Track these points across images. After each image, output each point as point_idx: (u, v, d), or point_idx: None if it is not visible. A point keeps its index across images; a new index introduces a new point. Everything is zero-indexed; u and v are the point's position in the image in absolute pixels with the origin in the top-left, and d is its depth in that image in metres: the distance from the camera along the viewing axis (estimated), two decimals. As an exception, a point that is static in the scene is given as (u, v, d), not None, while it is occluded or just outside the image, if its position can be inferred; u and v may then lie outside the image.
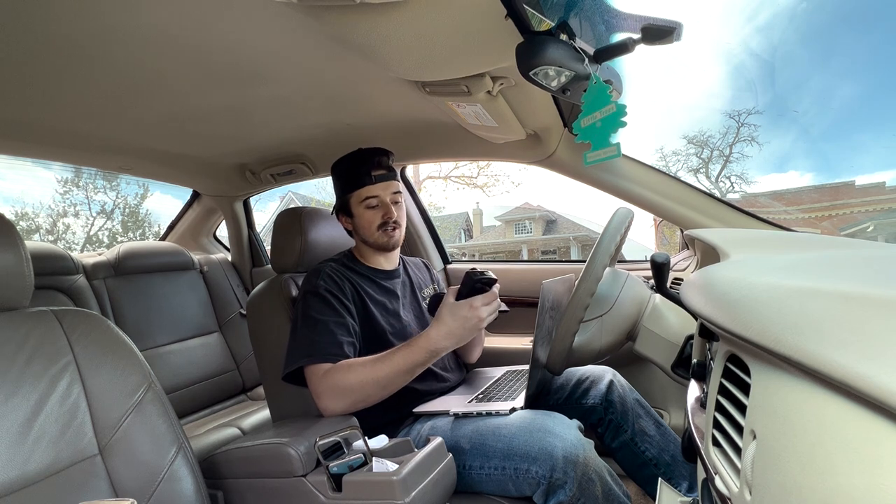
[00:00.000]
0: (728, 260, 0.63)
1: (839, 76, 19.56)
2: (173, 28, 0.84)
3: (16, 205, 12.21)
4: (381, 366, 0.94)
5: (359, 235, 1.19)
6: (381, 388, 0.95)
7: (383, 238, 1.16)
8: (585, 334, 0.97)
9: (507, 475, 0.88)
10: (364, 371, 0.95)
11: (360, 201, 1.15)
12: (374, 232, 1.15)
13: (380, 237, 1.16)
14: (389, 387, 0.95)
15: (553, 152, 1.41)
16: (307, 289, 1.07)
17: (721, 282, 0.47)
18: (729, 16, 26.34)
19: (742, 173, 11.56)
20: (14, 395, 0.70)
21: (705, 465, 0.45)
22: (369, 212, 1.15)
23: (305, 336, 1.01)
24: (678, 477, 1.05)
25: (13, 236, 0.76)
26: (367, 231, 1.16)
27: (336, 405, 0.95)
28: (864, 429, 0.24)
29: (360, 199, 1.15)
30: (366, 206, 1.15)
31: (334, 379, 0.95)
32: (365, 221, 1.16)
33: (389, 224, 1.15)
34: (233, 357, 1.98)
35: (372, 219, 1.15)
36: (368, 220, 1.15)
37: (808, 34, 20.74)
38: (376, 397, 0.96)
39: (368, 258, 1.20)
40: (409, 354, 0.94)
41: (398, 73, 0.96)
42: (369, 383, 0.94)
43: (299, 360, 0.98)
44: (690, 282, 0.56)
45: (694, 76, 24.38)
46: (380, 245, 1.17)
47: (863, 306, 0.28)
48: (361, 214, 1.16)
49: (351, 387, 0.94)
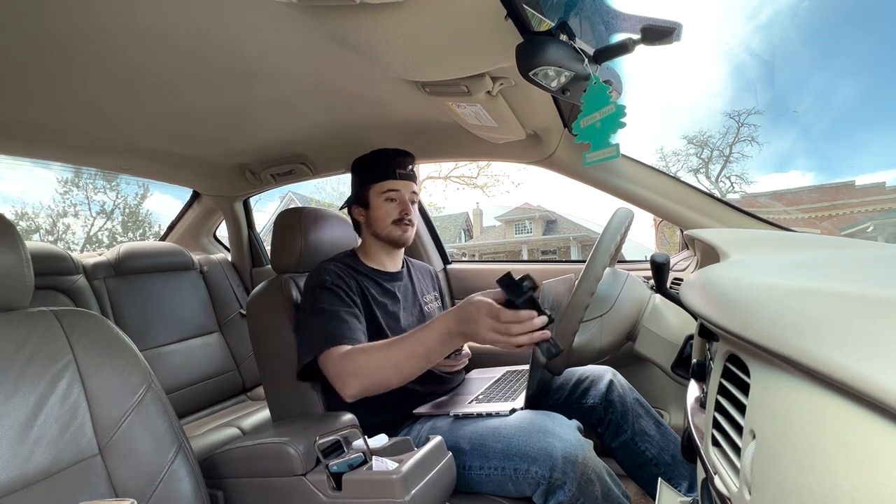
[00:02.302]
0: (728, 260, 0.63)
1: (840, 75, 19.58)
2: (173, 28, 0.84)
3: (16, 205, 12.22)
4: (397, 349, 0.92)
5: (371, 228, 1.19)
6: (398, 371, 0.92)
7: (396, 232, 1.16)
8: (585, 334, 0.97)
9: (507, 475, 0.88)
10: (380, 353, 0.93)
11: (380, 193, 1.16)
12: (389, 225, 1.16)
13: (393, 230, 1.16)
14: (406, 371, 0.93)
15: (553, 152, 1.41)
16: (315, 283, 1.07)
17: (721, 282, 0.47)
18: (729, 15, 26.34)
19: (742, 173, 11.57)
20: (14, 395, 0.70)
21: (705, 464, 0.45)
22: (388, 204, 1.16)
23: (317, 326, 1.00)
24: (678, 477, 1.05)
25: (13, 236, 0.76)
26: (381, 223, 1.17)
27: (356, 386, 0.93)
28: (863, 429, 0.24)
29: (381, 191, 1.16)
30: (386, 198, 1.16)
31: (353, 361, 0.94)
32: (382, 213, 1.16)
33: (405, 220, 1.16)
34: (233, 357, 1.98)
35: (389, 211, 1.16)
36: (386, 212, 1.16)
37: (809, 33, 20.75)
38: (394, 381, 0.94)
39: (373, 258, 1.20)
40: (423, 337, 0.91)
41: (398, 73, 0.96)
42: (386, 366, 0.92)
43: (315, 350, 0.97)
44: (690, 282, 0.57)
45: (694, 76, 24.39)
46: (392, 239, 1.17)
47: (862, 306, 0.28)
48: (380, 206, 1.16)
49: (369, 368, 0.93)
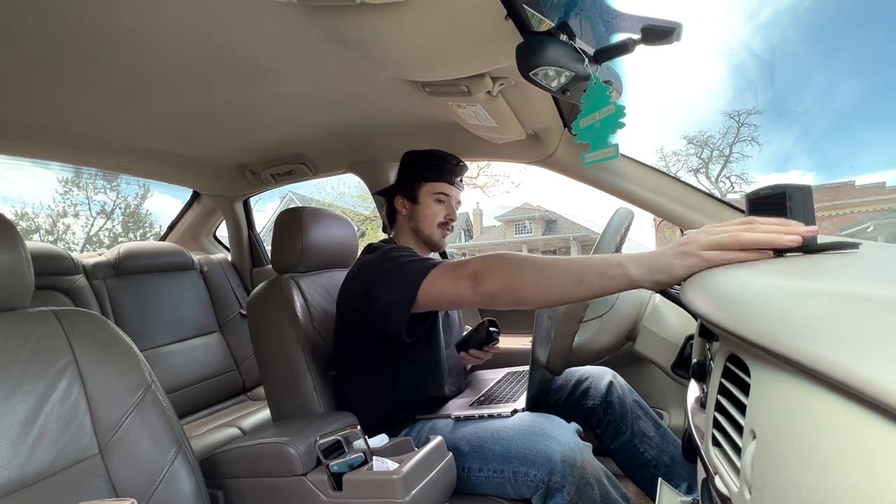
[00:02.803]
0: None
1: (841, 75, 19.57)
2: (173, 28, 0.84)
3: (16, 205, 12.23)
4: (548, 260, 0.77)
5: (414, 223, 1.17)
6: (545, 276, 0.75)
7: (438, 234, 1.17)
8: (585, 334, 0.97)
9: (506, 478, 0.88)
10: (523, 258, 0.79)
11: (433, 192, 1.16)
12: (434, 226, 1.16)
13: (436, 232, 1.17)
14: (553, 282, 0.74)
15: (553, 152, 1.41)
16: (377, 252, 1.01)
17: (721, 282, 0.47)
18: (729, 15, 26.33)
19: (742, 173, 11.59)
20: (14, 395, 0.70)
21: (705, 464, 0.45)
22: (438, 205, 1.16)
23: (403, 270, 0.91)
24: (677, 478, 1.05)
25: (13, 236, 0.76)
26: (427, 222, 1.16)
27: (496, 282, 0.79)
28: (862, 428, 0.24)
29: (434, 191, 1.16)
30: (437, 198, 1.16)
31: (485, 260, 0.81)
32: (430, 212, 1.16)
33: (449, 225, 1.18)
34: (233, 357, 1.98)
35: (438, 212, 1.16)
36: (434, 212, 1.16)
37: (809, 33, 20.74)
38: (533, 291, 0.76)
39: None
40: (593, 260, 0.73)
41: (398, 73, 0.96)
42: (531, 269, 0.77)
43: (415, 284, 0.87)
44: (690, 282, 0.57)
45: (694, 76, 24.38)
46: (432, 241, 1.18)
47: (861, 306, 0.28)
48: (429, 205, 1.16)
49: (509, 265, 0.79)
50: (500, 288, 0.78)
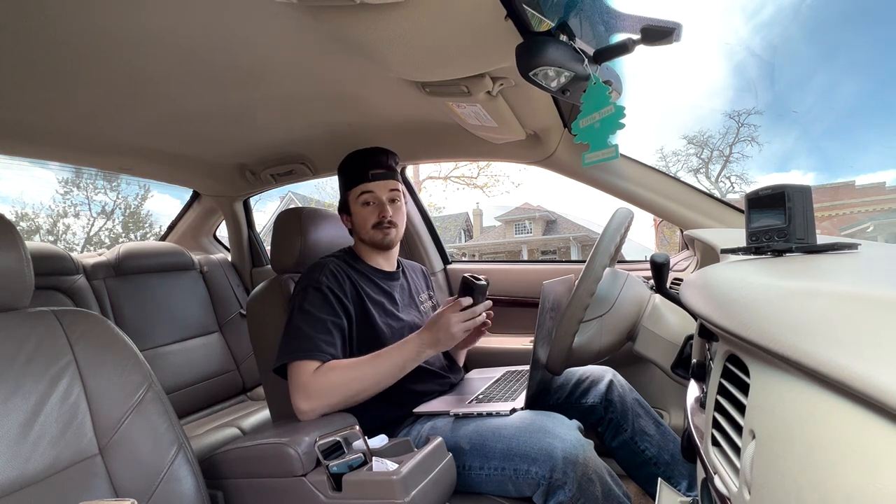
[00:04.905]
0: (728, 260, 0.63)
1: (841, 74, 19.57)
2: (173, 28, 0.84)
3: (16, 205, 12.23)
4: (373, 365, 0.98)
5: (356, 234, 1.20)
6: (374, 383, 0.98)
7: (378, 236, 1.16)
8: (585, 334, 0.97)
9: (507, 476, 0.88)
10: (350, 372, 0.97)
11: (356, 198, 1.16)
12: (370, 230, 1.15)
13: (374, 234, 1.16)
14: (381, 384, 0.99)
15: (553, 153, 1.41)
16: (308, 282, 1.07)
17: (720, 282, 0.47)
18: (730, 14, 26.33)
19: (742, 173, 11.58)
20: (14, 395, 0.70)
21: (705, 464, 0.45)
22: (365, 209, 1.16)
23: (300, 330, 1.00)
24: (677, 476, 1.05)
25: (13, 237, 0.76)
26: (362, 228, 1.17)
27: (312, 405, 0.95)
28: (862, 428, 0.24)
29: (357, 196, 1.16)
30: (362, 202, 1.16)
31: (325, 378, 0.95)
32: (360, 219, 1.16)
33: (384, 223, 1.15)
34: (233, 357, 1.98)
35: (367, 216, 1.15)
36: (364, 217, 1.16)
37: (809, 32, 20.74)
38: (363, 396, 0.98)
39: (368, 257, 1.20)
40: (403, 350, 0.99)
41: (398, 73, 0.96)
42: (357, 379, 0.97)
43: (290, 355, 0.98)
44: (690, 282, 0.57)
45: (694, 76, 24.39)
46: (375, 242, 1.17)
47: (861, 306, 0.28)
48: (358, 212, 1.17)
49: (333, 387, 0.95)
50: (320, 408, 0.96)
